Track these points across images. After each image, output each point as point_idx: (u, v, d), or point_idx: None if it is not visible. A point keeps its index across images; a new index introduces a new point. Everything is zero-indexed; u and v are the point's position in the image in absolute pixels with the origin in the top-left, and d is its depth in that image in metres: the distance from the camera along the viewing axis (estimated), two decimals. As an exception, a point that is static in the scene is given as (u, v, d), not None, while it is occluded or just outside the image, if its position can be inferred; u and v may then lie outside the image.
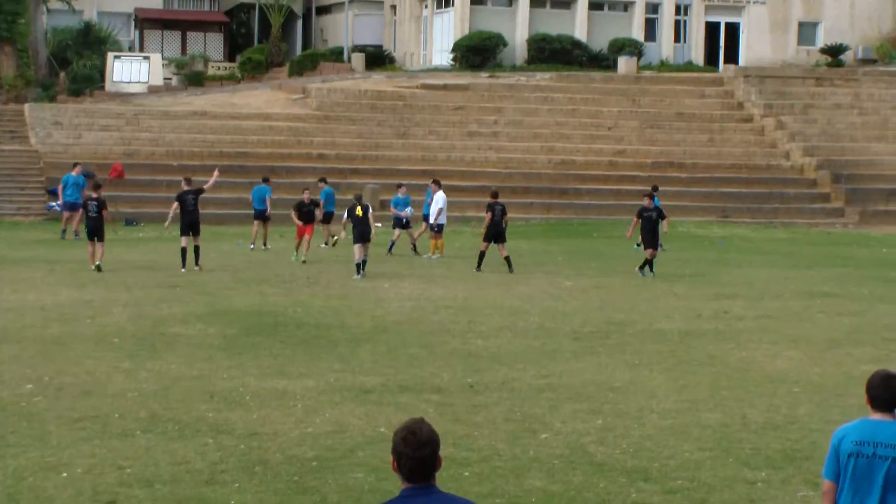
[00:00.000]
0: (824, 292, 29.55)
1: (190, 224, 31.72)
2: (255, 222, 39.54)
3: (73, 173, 42.03)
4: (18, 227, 44.42)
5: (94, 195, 32.36)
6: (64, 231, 40.83)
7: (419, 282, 30.22)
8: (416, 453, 6.73)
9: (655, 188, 41.32)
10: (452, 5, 65.02)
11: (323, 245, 39.40)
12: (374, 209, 47.47)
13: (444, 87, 58.37)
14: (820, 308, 26.78)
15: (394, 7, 71.29)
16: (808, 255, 39.74)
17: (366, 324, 23.53)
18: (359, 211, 31.24)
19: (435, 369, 19.28)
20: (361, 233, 30.91)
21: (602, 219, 49.72)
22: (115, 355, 19.89)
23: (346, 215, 31.98)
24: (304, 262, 33.67)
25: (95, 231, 31.56)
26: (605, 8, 66.95)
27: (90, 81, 63.75)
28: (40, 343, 20.88)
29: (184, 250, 31.47)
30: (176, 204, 32.05)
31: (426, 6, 67.78)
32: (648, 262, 32.44)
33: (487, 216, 33.20)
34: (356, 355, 20.33)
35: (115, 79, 62.66)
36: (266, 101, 58.24)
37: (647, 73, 63.06)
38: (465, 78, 60.10)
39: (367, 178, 50.40)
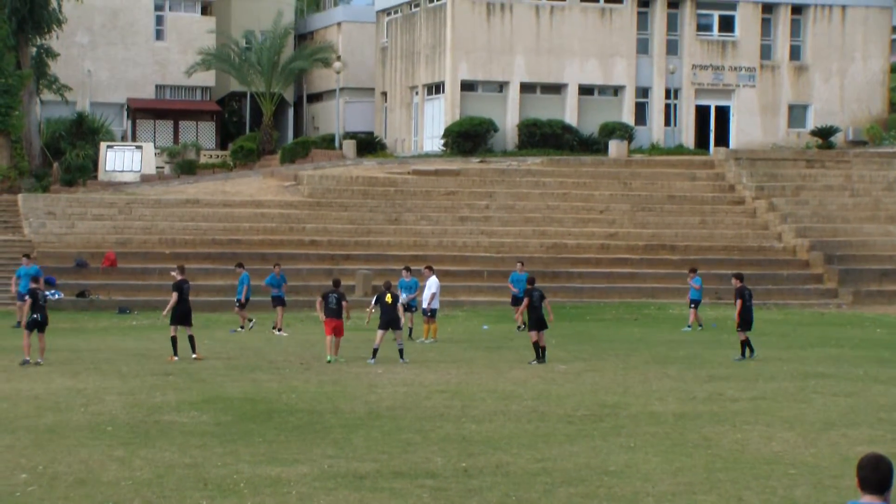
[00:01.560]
0: (819, 373, 29.52)
1: (184, 314, 31.35)
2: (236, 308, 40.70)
3: (25, 264, 41.26)
4: (12, 316, 44.33)
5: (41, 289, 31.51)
6: (18, 323, 40.09)
7: (412, 367, 30.17)
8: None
9: (694, 269, 42.92)
10: (443, 91, 65.53)
11: (239, 329, 39.78)
12: (366, 294, 47.75)
13: (436, 173, 58.68)
14: (815, 389, 26.73)
15: (384, 94, 71.82)
16: (802, 335, 39.76)
17: (359, 409, 23.46)
18: (388, 298, 31.42)
19: (429, 454, 19.21)
20: (390, 320, 31.21)
21: (595, 302, 49.78)
22: (108, 443, 19.80)
23: (374, 301, 32.08)
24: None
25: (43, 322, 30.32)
26: (595, 92, 67.49)
27: (83, 171, 64.06)
28: (34, 432, 20.79)
29: (174, 339, 31.23)
30: (176, 294, 31.44)
31: (417, 93, 68.28)
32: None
33: (525, 301, 31.86)
34: (350, 441, 20.25)
35: (107, 168, 62.95)
36: (258, 188, 58.49)
37: (637, 156, 63.45)
38: (456, 163, 60.44)
39: (359, 264, 50.50)
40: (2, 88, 59.35)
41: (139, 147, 64.99)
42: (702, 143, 68.02)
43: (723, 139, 67.94)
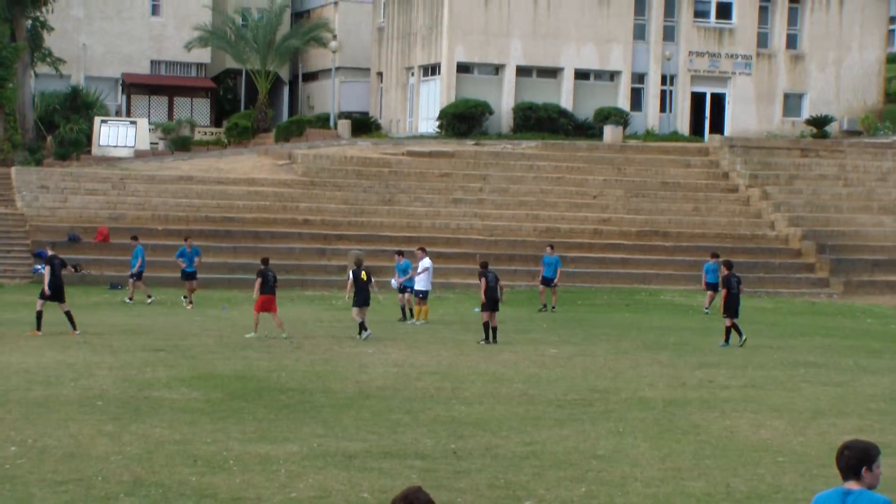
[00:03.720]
0: (809, 362, 29.59)
1: (56, 289, 31.01)
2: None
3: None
4: (3, 289, 44.37)
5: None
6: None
7: (403, 348, 30.21)
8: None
9: (716, 255, 42.94)
10: (439, 73, 65.45)
11: (128, 300, 40.68)
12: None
13: (430, 155, 58.64)
14: (804, 378, 26.80)
15: (380, 74, 71.73)
16: (793, 324, 39.83)
17: (349, 389, 23.50)
18: (363, 276, 32.14)
19: (418, 435, 19.25)
20: (365, 297, 32.00)
21: (586, 286, 49.81)
22: (98, 418, 19.83)
23: (350, 277, 32.68)
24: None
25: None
26: (592, 77, 67.43)
27: (77, 145, 63.92)
28: (24, 405, 20.81)
29: (40, 313, 30.89)
30: (48, 268, 31.38)
31: (412, 74, 68.20)
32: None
33: (482, 283, 32.51)
34: (340, 421, 20.29)
35: (101, 143, 62.80)
36: (252, 166, 58.42)
37: (632, 142, 63.44)
38: (450, 145, 60.39)
39: (352, 244, 50.46)
40: (-4, 60, 59.21)
41: (133, 122, 64.84)
42: (697, 130, 68.01)
43: (718, 126, 67.92)
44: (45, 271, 31.57)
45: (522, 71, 66.10)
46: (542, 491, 15.98)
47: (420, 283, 37.01)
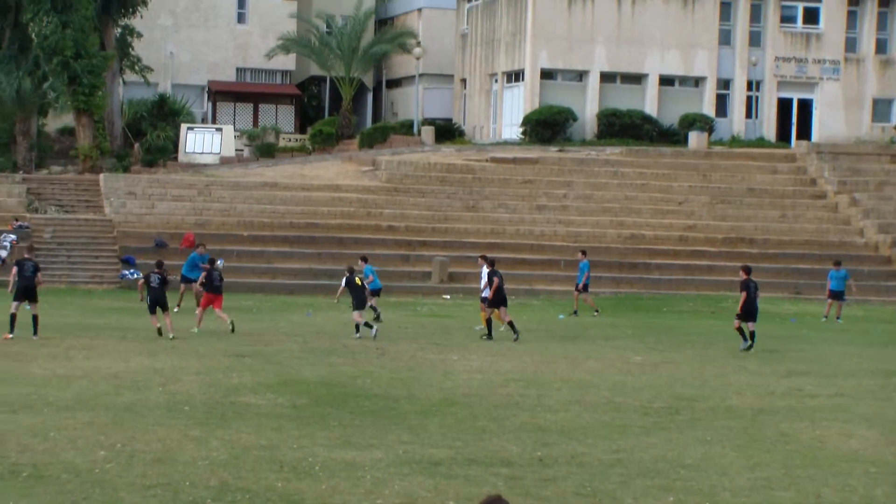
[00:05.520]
0: (899, 371, 29.14)
1: (25, 290, 30.68)
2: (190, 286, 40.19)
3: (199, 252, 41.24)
4: (92, 294, 44.87)
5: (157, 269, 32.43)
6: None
7: (487, 355, 30.13)
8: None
9: (838, 262, 44.31)
10: (523, 79, 65.34)
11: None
12: (443, 282, 47.89)
13: (514, 161, 58.52)
14: None
15: (464, 81, 71.74)
16: (883, 332, 39.27)
17: (434, 396, 23.45)
18: (358, 281, 33.65)
19: (504, 442, 19.16)
20: (362, 301, 33.66)
21: (672, 293, 49.48)
22: (185, 423, 19.93)
23: (343, 284, 34.10)
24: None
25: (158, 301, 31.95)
26: (676, 83, 66.98)
27: (164, 152, 64.59)
28: (112, 410, 20.98)
29: (13, 316, 30.55)
30: (15, 269, 31.26)
31: (496, 80, 68.15)
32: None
33: (495, 283, 33.77)
34: (425, 427, 20.24)
35: (187, 150, 63.38)
36: (336, 172, 58.63)
37: (717, 148, 62.92)
38: (534, 152, 60.24)
39: (435, 251, 50.52)
40: (86, 69, 59.87)
41: (219, 129, 65.34)
42: (783, 136, 67.30)
43: (804, 132, 67.21)
44: (13, 272, 31.33)
45: (606, 77, 65.81)
46: (630, 500, 15.84)
47: (485, 291, 36.78)
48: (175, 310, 37.43)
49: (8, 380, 23.84)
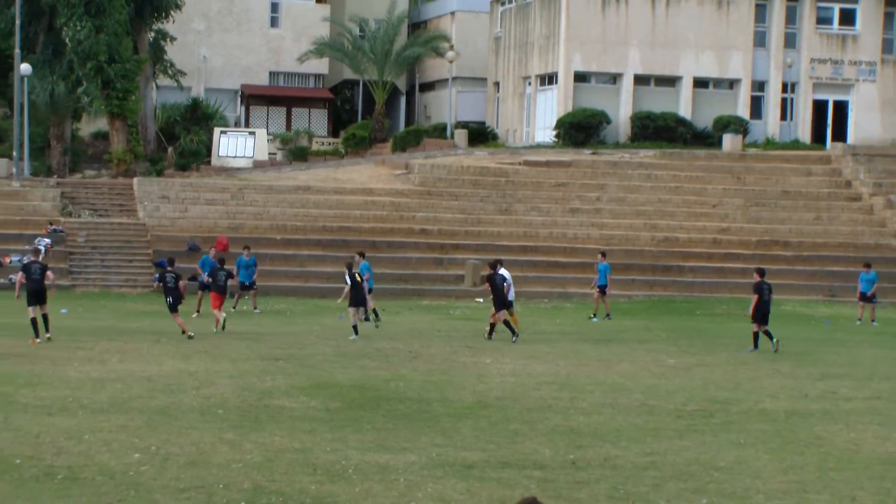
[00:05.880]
0: (935, 374, 28.96)
1: (35, 293, 30.65)
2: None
3: (245, 256, 42.09)
4: (125, 298, 45.07)
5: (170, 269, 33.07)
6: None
7: (520, 357, 30.10)
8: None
9: (868, 265, 44.27)
10: (556, 82, 65.26)
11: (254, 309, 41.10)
12: (475, 284, 47.85)
13: (547, 164, 58.47)
14: (930, 390, 26.23)
15: (497, 84, 71.72)
16: (918, 335, 39.03)
17: (467, 399, 23.45)
18: (358, 277, 34.00)
19: (537, 445, 19.14)
20: (361, 297, 33.92)
21: (705, 296, 49.34)
22: (219, 426, 19.99)
23: (349, 282, 34.08)
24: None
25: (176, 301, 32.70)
26: (710, 86, 66.78)
27: (197, 156, 64.82)
28: (146, 413, 21.06)
29: (34, 321, 30.50)
30: (21, 273, 31.34)
31: (529, 83, 68.10)
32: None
33: (486, 287, 34.25)
34: (458, 430, 20.24)
35: (221, 153, 63.57)
36: (369, 176, 58.71)
37: (752, 150, 62.69)
38: (567, 154, 60.17)
39: (468, 254, 50.50)
40: (119, 73, 60.13)
41: (252, 133, 65.52)
42: (818, 138, 66.98)
43: (840, 134, 66.89)
44: (19, 276, 31.58)
45: (640, 79, 65.66)
46: (663, 502, 15.80)
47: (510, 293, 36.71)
48: (193, 316, 37.60)
49: (43, 383, 23.98)
